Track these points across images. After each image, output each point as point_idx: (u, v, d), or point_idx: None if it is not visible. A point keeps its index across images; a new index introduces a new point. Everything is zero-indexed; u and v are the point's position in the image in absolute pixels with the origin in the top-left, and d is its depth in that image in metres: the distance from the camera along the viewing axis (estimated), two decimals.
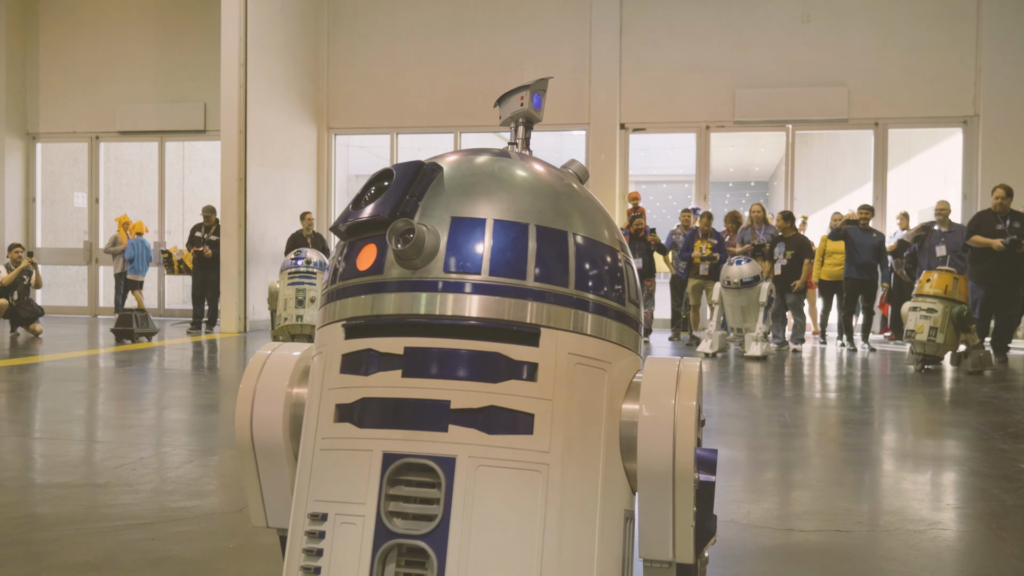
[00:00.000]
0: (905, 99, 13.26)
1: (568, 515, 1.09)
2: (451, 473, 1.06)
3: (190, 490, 3.74)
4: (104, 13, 15.96)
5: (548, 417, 1.10)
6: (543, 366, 1.10)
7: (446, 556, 1.04)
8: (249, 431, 1.29)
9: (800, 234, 11.42)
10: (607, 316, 1.18)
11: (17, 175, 16.35)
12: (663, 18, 13.94)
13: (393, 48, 14.76)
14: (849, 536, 3.16)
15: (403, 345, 1.11)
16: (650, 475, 1.15)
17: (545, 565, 1.06)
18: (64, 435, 5.04)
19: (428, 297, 1.11)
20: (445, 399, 1.08)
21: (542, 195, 1.19)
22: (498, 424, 1.08)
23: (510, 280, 1.11)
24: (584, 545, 1.11)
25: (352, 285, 1.18)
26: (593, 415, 1.14)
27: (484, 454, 1.07)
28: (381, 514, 1.07)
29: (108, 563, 2.77)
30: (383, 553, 1.06)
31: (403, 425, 1.09)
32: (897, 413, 6.30)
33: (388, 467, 1.07)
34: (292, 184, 14.37)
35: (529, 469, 1.08)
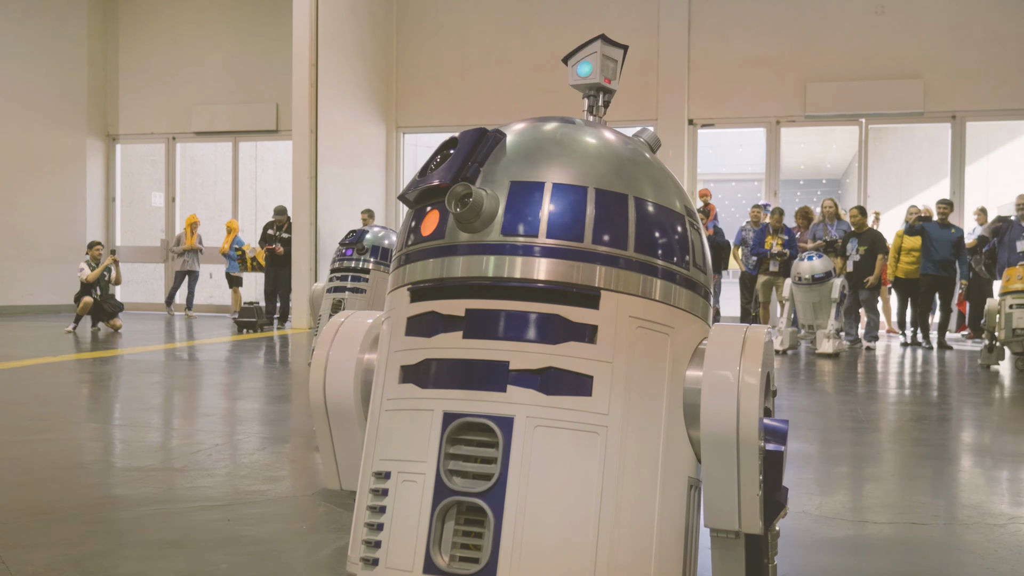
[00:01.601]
0: (983, 91, 12.89)
1: (627, 478, 1.09)
2: (509, 433, 1.07)
3: (263, 475, 3.82)
4: (180, 17, 16.37)
5: (607, 379, 1.09)
6: (603, 329, 1.10)
7: (503, 515, 1.05)
8: (323, 396, 1.32)
9: (873, 229, 11.18)
10: (673, 281, 1.17)
11: (98, 175, 16.87)
12: (732, 12, 13.78)
13: (461, 47, 14.85)
14: (925, 529, 3.09)
15: (464, 307, 1.12)
16: (714, 442, 1.14)
17: (602, 527, 1.06)
18: (142, 423, 5.19)
19: (487, 260, 1.13)
20: (504, 360, 1.09)
21: (603, 159, 1.19)
22: (557, 385, 1.08)
23: (568, 243, 1.12)
24: (643, 509, 1.10)
25: (417, 250, 1.20)
26: (655, 379, 1.14)
27: (542, 414, 1.07)
28: (441, 472, 1.08)
29: (186, 541, 2.84)
30: (442, 510, 1.07)
31: (463, 385, 1.10)
32: (975, 410, 6.13)
33: (448, 426, 1.09)
34: (362, 182, 14.55)
35: (587, 431, 1.08)
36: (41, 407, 5.63)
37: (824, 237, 10.91)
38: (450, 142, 1.23)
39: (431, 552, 1.07)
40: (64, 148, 16.28)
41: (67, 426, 5.05)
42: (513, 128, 1.25)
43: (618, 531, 1.07)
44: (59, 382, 6.98)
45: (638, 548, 1.09)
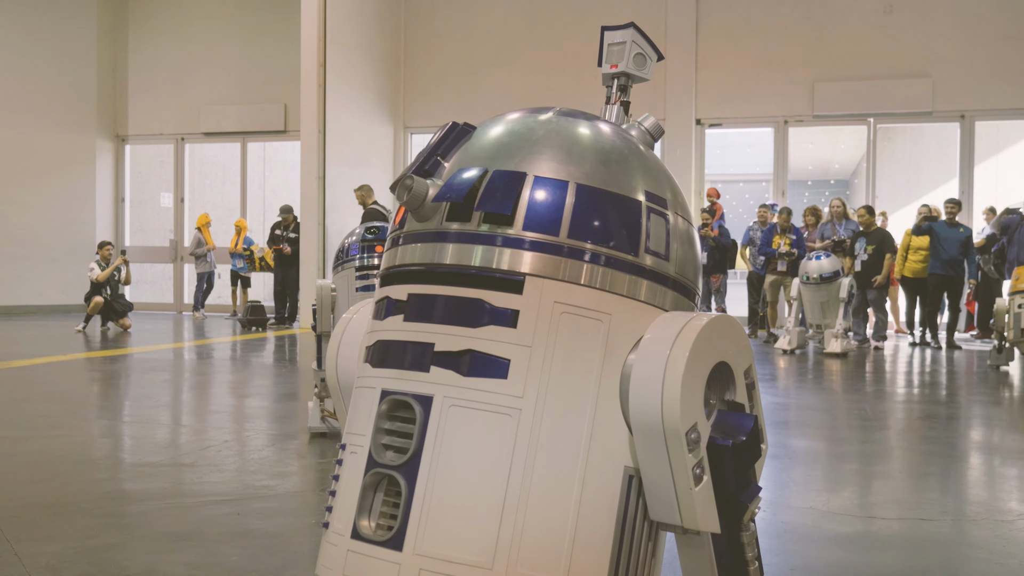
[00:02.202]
0: (993, 90, 12.85)
1: (539, 462, 1.09)
2: (427, 411, 1.11)
3: (272, 471, 3.84)
4: (189, 19, 16.42)
5: (524, 363, 1.11)
6: (524, 313, 1.12)
7: (414, 488, 1.09)
8: (335, 375, 1.40)
9: (882, 229, 11.16)
10: (611, 267, 1.16)
11: (107, 176, 16.94)
12: (740, 12, 13.77)
13: (468, 48, 14.87)
14: (933, 525, 3.09)
15: (407, 292, 1.18)
16: (640, 430, 1.12)
17: (508, 507, 1.08)
18: (152, 420, 5.21)
19: (425, 248, 1.18)
20: (431, 342, 1.13)
21: (549, 145, 1.20)
22: (474, 367, 1.11)
23: (499, 229, 1.14)
24: (557, 495, 1.10)
25: (387, 240, 1.28)
26: (582, 365, 1.13)
27: (458, 395, 1.11)
28: (371, 445, 1.14)
29: (195, 534, 2.86)
30: (371, 480, 1.14)
31: (397, 365, 1.16)
32: (984, 409, 6.11)
33: (382, 402, 1.16)
34: (370, 183, 14.56)
35: (500, 412, 1.10)
36: (52, 404, 5.66)
37: (832, 237, 10.90)
38: None
39: (357, 519, 1.13)
40: (73, 149, 16.35)
41: (77, 423, 5.08)
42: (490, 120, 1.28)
43: (526, 512, 1.08)
44: (69, 380, 7.02)
45: (548, 532, 1.09)
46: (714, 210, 12.17)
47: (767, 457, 3.89)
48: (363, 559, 1.11)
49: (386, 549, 1.10)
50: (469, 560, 1.07)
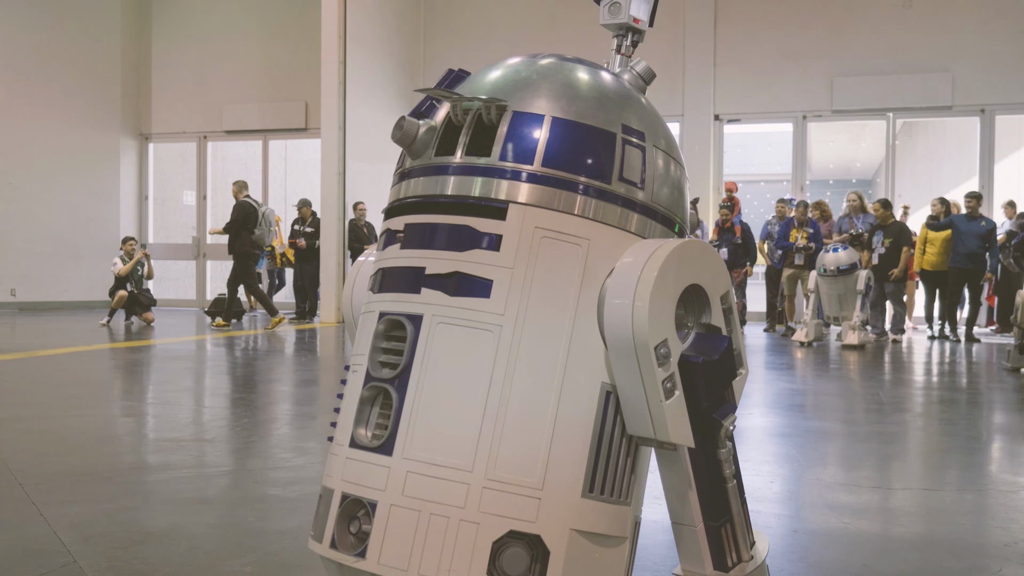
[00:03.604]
0: (1013, 84, 12.80)
1: (519, 375, 1.18)
2: (417, 329, 1.21)
3: (291, 446, 3.92)
4: (211, 18, 16.61)
5: (506, 283, 1.19)
6: (507, 238, 1.21)
7: (404, 398, 1.19)
8: (351, 310, 1.54)
9: (899, 222, 11.15)
10: (588, 195, 1.23)
11: (131, 174, 17.16)
12: (758, 7, 13.78)
13: (487, 44, 14.96)
14: (937, 495, 3.13)
15: (404, 222, 1.29)
16: (613, 345, 1.20)
17: (488, 414, 1.16)
18: (174, 401, 5.32)
19: (418, 182, 1.29)
20: (422, 266, 1.23)
21: (527, 83, 1.29)
22: (460, 288, 1.20)
23: (482, 160, 1.24)
24: (535, 405, 1.18)
25: (402, 172, 1.37)
26: (560, 286, 1.21)
27: (445, 313, 1.20)
28: (369, 363, 1.25)
29: (214, 499, 2.94)
30: (368, 394, 1.24)
31: (393, 289, 1.27)
32: (1004, 395, 6.11)
33: (378, 323, 1.27)
34: (389, 178, 14.59)
35: (482, 328, 1.19)
36: (76, 389, 5.78)
37: (850, 230, 10.89)
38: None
39: (355, 429, 1.23)
40: (98, 147, 16.57)
41: (101, 404, 5.19)
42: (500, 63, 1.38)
43: (504, 421, 1.16)
44: (94, 368, 7.15)
45: (526, 440, 1.17)
46: (732, 204, 12.16)
47: (776, 434, 3.94)
48: (359, 464, 1.21)
49: (378, 455, 1.19)
50: (451, 463, 1.16)
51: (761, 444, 4.06)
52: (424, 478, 1.16)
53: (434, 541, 1.14)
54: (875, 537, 2.57)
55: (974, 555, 2.40)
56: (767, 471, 3.46)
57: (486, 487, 1.15)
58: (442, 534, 1.14)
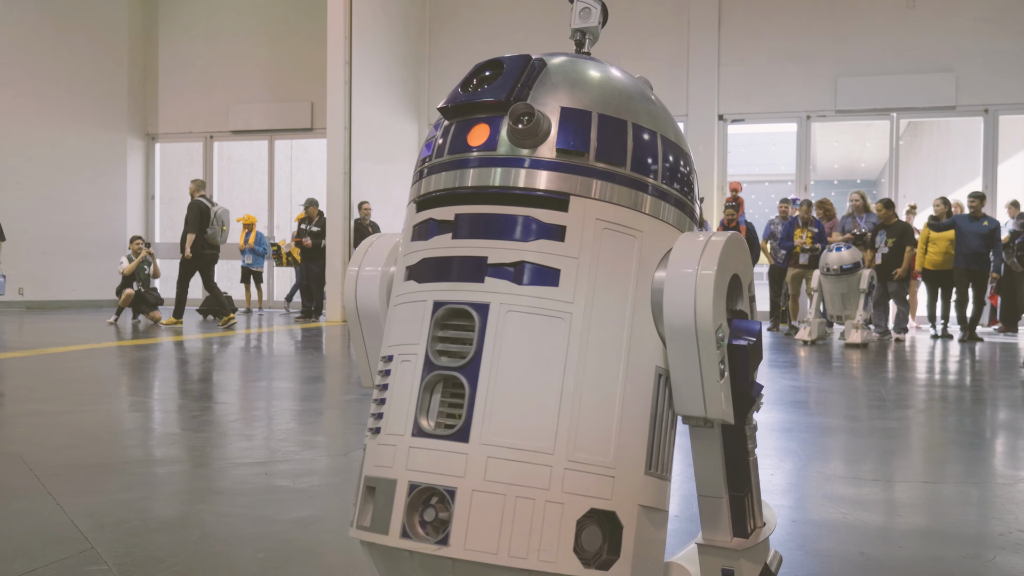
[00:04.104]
0: (1016, 84, 12.84)
1: (589, 360, 1.23)
2: (485, 317, 1.23)
3: (299, 440, 3.98)
4: (217, 19, 16.70)
5: (573, 272, 1.24)
6: (571, 229, 1.25)
7: (476, 386, 1.21)
8: (355, 302, 1.52)
9: (902, 221, 11.19)
10: (641, 190, 1.31)
11: (138, 174, 17.25)
12: (762, 7, 13.82)
13: (492, 44, 15.02)
14: (932, 487, 3.18)
15: (454, 212, 1.30)
16: (674, 332, 1.27)
17: (564, 400, 1.21)
18: (183, 397, 5.38)
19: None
20: (483, 255, 1.25)
21: (635, 99, 1.36)
22: (528, 277, 1.24)
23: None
24: (605, 389, 1.23)
25: (456, 160, 1.34)
26: (619, 275, 1.27)
27: (514, 301, 1.23)
28: (429, 352, 1.25)
29: (225, 489, 3.01)
30: (429, 383, 1.24)
31: (450, 279, 1.27)
32: (1007, 392, 6.16)
33: (436, 313, 1.27)
34: (394, 178, 14.76)
35: (553, 316, 1.23)
36: (87, 385, 5.85)
37: (853, 230, 10.93)
38: (491, 63, 1.37)
39: (418, 418, 1.23)
40: (105, 147, 16.67)
41: (111, 400, 5.26)
42: (553, 59, 1.39)
43: (579, 405, 1.21)
44: (103, 365, 7.22)
45: (599, 422, 1.22)
46: (737, 204, 12.22)
47: (778, 430, 4.01)
48: (429, 453, 1.21)
49: (452, 442, 1.20)
50: (533, 447, 1.19)
51: (764, 439, 4.11)
52: (506, 462, 1.18)
53: (522, 523, 1.17)
54: (873, 527, 2.62)
55: (969, 544, 2.45)
56: (769, 464, 3.52)
57: (567, 468, 1.19)
58: (529, 516, 1.17)
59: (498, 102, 1.29)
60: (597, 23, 1.53)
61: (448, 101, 1.36)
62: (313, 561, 2.24)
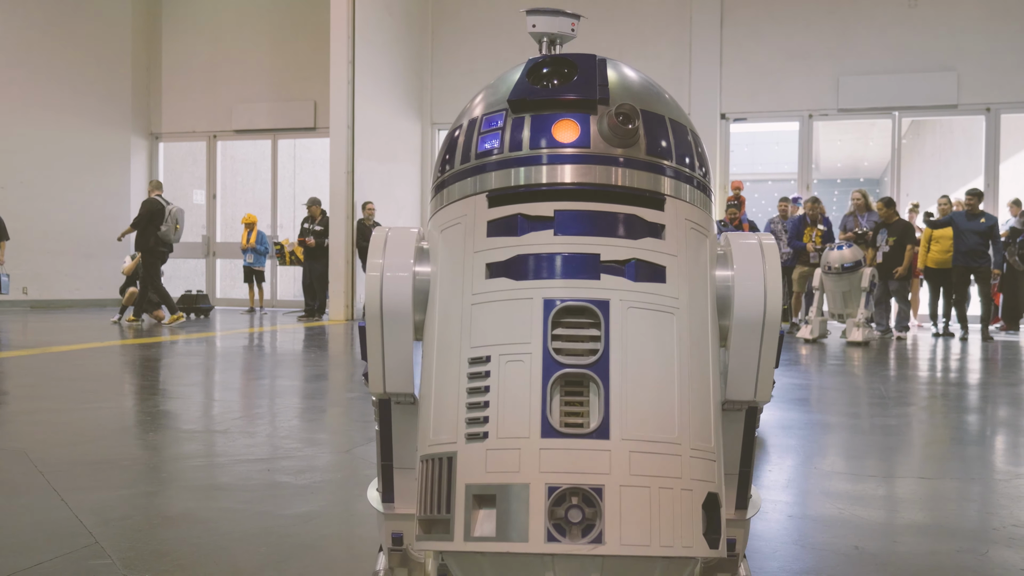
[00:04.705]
0: (1018, 83, 12.84)
1: (694, 354, 1.29)
2: (607, 314, 1.24)
3: (301, 437, 4.02)
4: (221, 18, 16.74)
5: (676, 270, 1.30)
6: (668, 228, 1.31)
7: (609, 383, 1.22)
8: (379, 302, 1.43)
9: (903, 220, 11.20)
10: (703, 191, 1.40)
11: (141, 173, 17.30)
12: (764, 6, 13.84)
13: (495, 44, 15.05)
14: (928, 483, 3.21)
15: (553, 209, 1.29)
16: (744, 325, 1.37)
17: (680, 391, 1.26)
18: (186, 395, 5.42)
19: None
20: (596, 252, 1.27)
21: (664, 96, 1.44)
22: (640, 274, 1.27)
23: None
24: (704, 380, 1.30)
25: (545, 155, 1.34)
26: (703, 272, 1.35)
27: (632, 298, 1.26)
28: (549, 350, 1.23)
29: (228, 485, 3.04)
30: (553, 382, 1.22)
31: (560, 275, 1.26)
32: (1008, 390, 6.17)
33: (550, 310, 1.25)
34: (397, 177, 14.80)
35: (666, 311, 1.27)
36: (92, 382, 5.89)
37: (854, 228, 10.95)
38: (553, 60, 1.39)
39: (547, 418, 1.20)
40: (108, 146, 16.72)
41: (116, 397, 5.30)
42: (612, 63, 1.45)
43: (692, 395, 1.26)
44: (107, 363, 7.26)
45: (703, 411, 1.28)
46: (739, 202, 12.23)
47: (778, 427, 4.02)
48: (567, 453, 1.19)
49: (593, 440, 1.19)
50: (666, 438, 1.22)
51: (763, 436, 4.14)
52: (647, 455, 1.20)
53: (666, 513, 1.19)
54: (869, 522, 2.65)
55: (964, 539, 2.48)
56: (769, 461, 3.54)
57: (692, 456, 1.23)
58: (671, 505, 1.20)
59: (588, 100, 1.32)
60: (570, 29, 1.59)
61: (521, 94, 1.35)
62: (314, 555, 2.27)
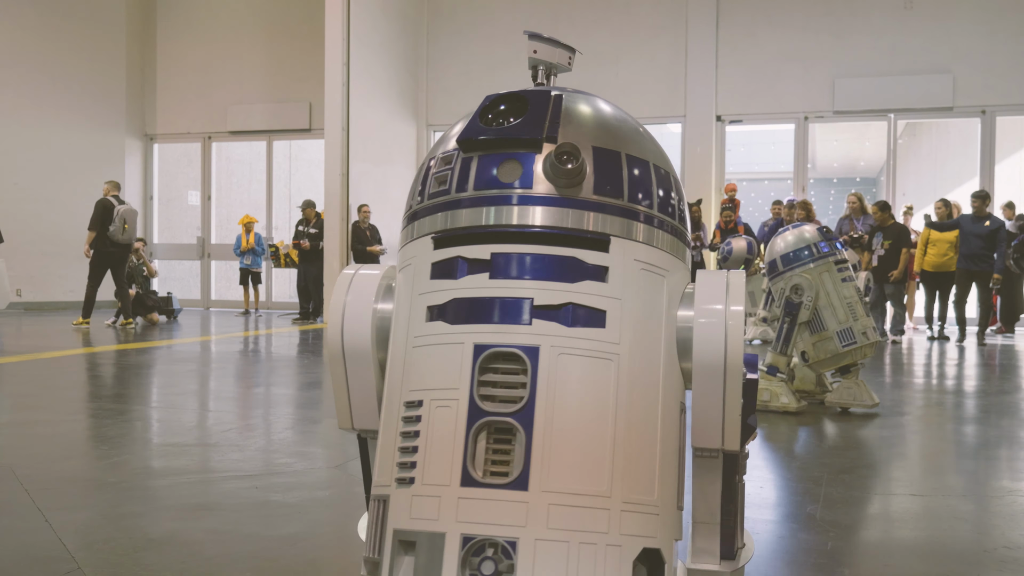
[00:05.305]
0: (1014, 86, 12.84)
1: (635, 400, 1.23)
2: (536, 360, 1.21)
3: (292, 451, 3.99)
4: (216, 19, 16.69)
5: (618, 313, 1.25)
6: (613, 269, 1.26)
7: (532, 432, 1.18)
8: (340, 341, 1.44)
9: (898, 223, 11.19)
10: (663, 230, 1.34)
11: (136, 174, 17.26)
12: (761, 8, 13.82)
13: (490, 45, 15.03)
14: (920, 499, 3.19)
15: (490, 251, 1.27)
16: (704, 369, 1.29)
17: (616, 443, 1.20)
18: (178, 405, 5.39)
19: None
20: (529, 296, 1.23)
21: (602, 124, 1.36)
22: (576, 318, 1.23)
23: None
24: (648, 429, 1.24)
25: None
26: (655, 315, 1.29)
27: (564, 344, 1.22)
28: (475, 396, 1.21)
29: (216, 505, 3.01)
30: (476, 429, 1.20)
31: (492, 320, 1.24)
32: (1004, 398, 6.16)
33: (479, 356, 1.22)
34: (392, 179, 14.76)
35: (603, 358, 1.22)
36: (84, 392, 5.86)
37: (849, 233, 10.94)
38: (506, 97, 1.35)
39: (467, 467, 1.19)
40: (103, 148, 16.67)
41: (108, 408, 5.27)
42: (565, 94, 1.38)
43: (629, 446, 1.21)
44: (100, 370, 7.23)
45: (644, 461, 1.23)
46: (734, 205, 12.21)
47: (770, 437, 3.99)
48: (483, 503, 1.17)
49: (510, 491, 1.16)
50: (592, 491, 1.18)
51: (753, 448, 4.12)
52: (568, 508, 1.16)
53: (586, 569, 1.15)
54: (860, 543, 2.63)
55: (955, 561, 2.46)
56: (758, 477, 3.53)
57: (623, 510, 1.19)
58: (592, 561, 1.16)
59: (533, 139, 1.28)
60: (566, 62, 1.54)
61: (470, 134, 1.32)
62: None
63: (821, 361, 5.26)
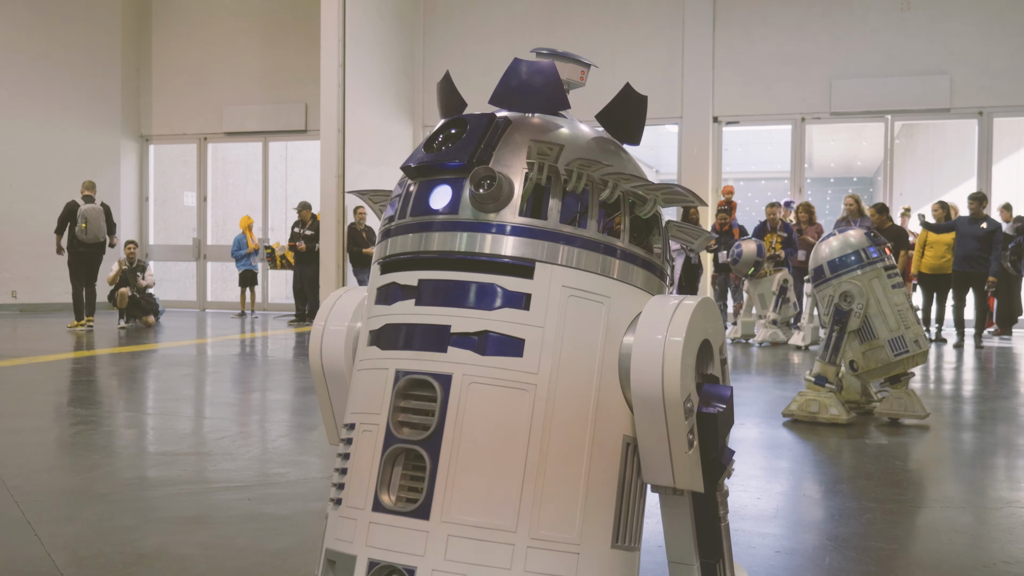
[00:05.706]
0: (1011, 87, 12.82)
1: (554, 433, 1.19)
2: (447, 388, 1.19)
3: (286, 459, 3.96)
4: (211, 20, 16.64)
5: (538, 342, 1.20)
6: (536, 297, 1.21)
7: (438, 460, 1.17)
8: (320, 360, 1.47)
9: (896, 225, 11.17)
10: (611, 255, 1.27)
11: (132, 176, 17.20)
12: (758, 9, 13.80)
13: (486, 47, 14.98)
14: (921, 512, 3.17)
15: (417, 278, 1.26)
16: (642, 401, 1.23)
17: (528, 475, 1.17)
18: (173, 411, 5.36)
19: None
20: (446, 324, 1.21)
21: (589, 149, 1.32)
22: (491, 347, 1.20)
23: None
24: (570, 462, 1.19)
25: (385, 230, 1.33)
26: (587, 344, 1.23)
27: (477, 372, 1.19)
28: (389, 423, 1.21)
29: (208, 517, 2.98)
30: (390, 456, 1.20)
31: (412, 347, 1.23)
32: (1004, 403, 6.14)
33: (398, 382, 1.23)
34: (389, 181, 14.70)
35: (517, 388, 1.19)
36: (77, 398, 5.83)
37: None
38: (455, 122, 1.32)
39: (379, 492, 1.20)
40: (98, 149, 16.61)
41: (101, 415, 5.23)
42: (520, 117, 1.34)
43: (543, 480, 1.17)
44: (95, 375, 7.19)
45: (564, 496, 1.18)
46: (730, 207, 12.18)
47: (768, 446, 3.97)
48: (388, 529, 1.18)
49: (412, 519, 1.16)
50: (495, 525, 1.15)
51: (751, 457, 4.09)
52: (467, 541, 1.15)
53: None
54: (860, 558, 2.60)
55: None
56: (755, 486, 3.50)
57: (530, 546, 1.16)
58: None
59: (459, 165, 1.25)
60: (579, 77, 1.50)
61: (411, 160, 1.31)
62: None
63: (871, 370, 5.13)
